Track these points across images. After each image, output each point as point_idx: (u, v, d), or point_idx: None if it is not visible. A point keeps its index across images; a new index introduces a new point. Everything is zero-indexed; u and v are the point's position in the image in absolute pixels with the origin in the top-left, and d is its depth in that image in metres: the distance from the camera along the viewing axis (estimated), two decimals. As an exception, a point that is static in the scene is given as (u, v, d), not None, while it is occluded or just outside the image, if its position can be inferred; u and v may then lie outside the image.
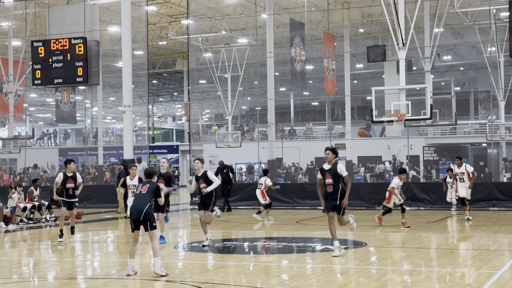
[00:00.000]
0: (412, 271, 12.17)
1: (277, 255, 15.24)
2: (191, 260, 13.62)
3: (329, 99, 44.33)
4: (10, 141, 37.89)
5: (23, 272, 13.38)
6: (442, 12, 30.79)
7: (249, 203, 29.17)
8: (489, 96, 43.48)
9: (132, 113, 28.35)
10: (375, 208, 27.04)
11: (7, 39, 36.63)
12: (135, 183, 17.03)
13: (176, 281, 10.63)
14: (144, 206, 11.44)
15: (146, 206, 11.47)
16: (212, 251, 15.29)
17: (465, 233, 18.21)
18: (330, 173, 12.92)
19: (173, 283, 10.70)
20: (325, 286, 10.68)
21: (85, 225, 22.09)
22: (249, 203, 29.17)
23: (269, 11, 35.87)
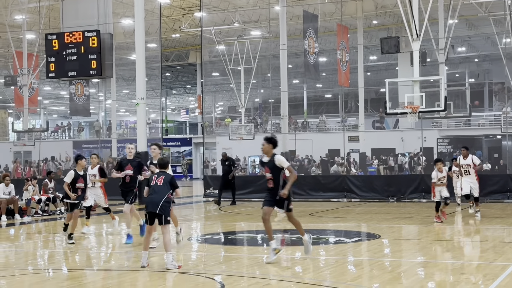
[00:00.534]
0: (426, 263, 12.15)
1: (290, 247, 15.25)
2: (205, 252, 13.64)
3: (342, 91, 44.25)
4: (25, 134, 38.12)
5: (38, 263, 13.44)
6: (457, 3, 30.68)
7: (262, 195, 29.17)
8: (503, 88, 43.35)
9: (145, 106, 28.41)
10: (388, 201, 27.05)
11: (21, 32, 36.76)
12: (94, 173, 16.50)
13: (189, 273, 10.66)
14: (161, 199, 11.05)
15: (164, 198, 11.08)
16: (226, 243, 15.31)
17: (479, 225, 18.14)
18: (268, 166, 11.60)
19: (187, 274, 10.73)
20: (338, 278, 10.68)
21: (99, 217, 22.13)
22: (262, 195, 29.17)
23: (282, 3, 35.83)
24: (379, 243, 15.24)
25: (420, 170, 35.45)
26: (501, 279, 10.08)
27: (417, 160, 37.97)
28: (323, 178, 31.39)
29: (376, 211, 23.55)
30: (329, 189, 28.78)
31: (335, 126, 48.92)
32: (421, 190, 27.55)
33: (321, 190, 28.65)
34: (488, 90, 52.82)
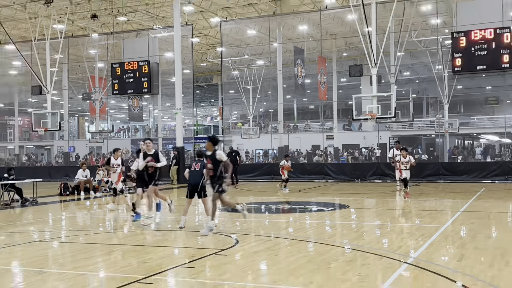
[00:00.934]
0: (381, 226, 12.16)
1: (285, 214, 15.26)
2: (223, 218, 13.63)
3: (321, 103, 44.37)
4: (97, 134, 38.16)
5: (106, 225, 13.48)
6: (403, 41, 30.64)
7: (265, 177, 29.32)
8: (436, 101, 43.36)
9: (182, 114, 28.46)
10: (354, 181, 27.07)
11: (94, 62, 36.78)
12: (118, 163, 15.79)
13: (213, 233, 10.68)
14: (199, 181, 11.16)
15: (201, 180, 11.18)
16: (238, 211, 15.30)
17: (420, 198, 18.14)
18: (210, 159, 10.97)
19: (217, 234, 10.74)
20: (319, 236, 10.70)
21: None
22: (265, 177, 29.32)
23: (278, 41, 35.78)
24: (348, 211, 15.26)
25: (377, 159, 35.54)
26: (434, 237, 10.10)
27: (374, 153, 38.01)
28: (308, 165, 31.47)
29: (345, 188, 23.56)
30: (312, 173, 28.86)
31: (316, 128, 48.79)
32: (378, 174, 27.64)
33: (307, 173, 28.79)
34: (425, 103, 52.70)
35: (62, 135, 45.16)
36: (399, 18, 29.35)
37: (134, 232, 11.70)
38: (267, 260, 8.37)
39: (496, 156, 34.69)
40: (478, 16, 23.97)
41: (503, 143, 41.42)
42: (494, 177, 26.05)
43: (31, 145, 50.02)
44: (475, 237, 10.11)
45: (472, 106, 51.17)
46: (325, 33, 37.69)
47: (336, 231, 11.67)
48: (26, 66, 33.21)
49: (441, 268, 7.59)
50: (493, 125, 44.94)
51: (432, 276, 7.14)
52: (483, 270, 7.48)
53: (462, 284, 6.78)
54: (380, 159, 34.45)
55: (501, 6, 23.82)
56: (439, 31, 32.72)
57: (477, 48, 23.27)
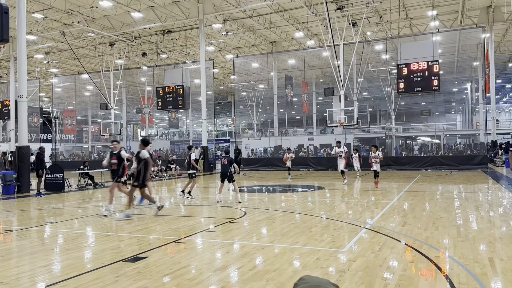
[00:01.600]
0: (347, 202, 12.13)
1: (279, 193, 15.22)
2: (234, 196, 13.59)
3: (305, 115, 44.25)
4: (146, 137, 38.19)
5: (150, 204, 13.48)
6: (363, 70, 30.61)
7: (265, 167, 29.27)
8: (386, 113, 43.23)
9: (206, 123, 28.42)
10: (328, 170, 26.97)
11: (144, 86, 36.83)
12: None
13: (227, 206, 10.66)
14: (227, 171, 11.66)
15: (228, 170, 11.65)
16: (245, 191, 15.27)
17: (374, 181, 18.10)
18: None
19: (226, 207, 10.73)
20: (303, 209, 10.66)
21: (184, 179, 22.16)
22: (265, 167, 29.27)
23: (274, 71, 35.72)
24: (324, 191, 15.23)
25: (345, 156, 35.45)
26: (385, 210, 10.06)
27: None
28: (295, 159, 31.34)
29: (322, 175, 23.52)
30: (298, 164, 28.72)
31: (301, 132, 48.56)
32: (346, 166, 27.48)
33: (294, 165, 28.50)
34: (378, 114, 52.53)
35: (121, 138, 45.15)
36: (360, 54, 29.29)
37: (173, 206, 11.69)
38: (267, 226, 8.36)
39: (429, 152, 34.53)
40: (415, 52, 23.99)
41: (433, 143, 41.29)
42: (427, 167, 25.98)
43: (100, 145, 50.03)
44: (414, 210, 10.07)
45: (412, 116, 51.06)
46: (307, 65, 37.67)
47: (315, 205, 11.63)
48: (96, 90, 33.26)
49: (390, 232, 7.56)
50: (426, 130, 44.89)
51: (383, 238, 7.12)
52: (420, 233, 7.45)
53: (405, 243, 6.76)
54: (347, 154, 34.25)
55: (432, 46, 23.90)
56: (388, 63, 32.65)
57: (415, 75, 23.24)
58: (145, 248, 6.70)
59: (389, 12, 26.51)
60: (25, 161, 15.88)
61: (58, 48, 34.05)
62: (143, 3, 25.57)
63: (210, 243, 7.04)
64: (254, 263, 5.72)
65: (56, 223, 9.37)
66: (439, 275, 5.17)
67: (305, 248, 6.50)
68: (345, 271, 5.33)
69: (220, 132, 65.10)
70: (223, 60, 39.07)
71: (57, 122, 39.43)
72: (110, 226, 8.77)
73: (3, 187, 15.55)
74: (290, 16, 28.76)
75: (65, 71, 42.07)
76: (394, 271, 5.32)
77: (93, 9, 25.32)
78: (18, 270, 5.67)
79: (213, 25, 29.09)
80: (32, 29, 27.63)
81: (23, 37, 15.64)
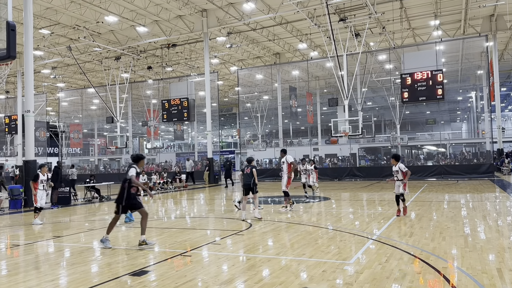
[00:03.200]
0: (354, 212, 12.05)
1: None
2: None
3: (309, 125, 44.25)
4: (152, 150, 38.29)
5: (159, 214, 13.43)
6: (366, 80, 30.68)
7: (270, 178, 29.19)
8: (391, 123, 43.23)
9: (211, 135, 28.51)
10: (334, 180, 26.88)
11: (150, 99, 37.08)
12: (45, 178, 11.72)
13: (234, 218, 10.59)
14: (251, 181, 10.71)
15: (252, 180, 10.70)
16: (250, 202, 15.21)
17: (381, 192, 17.94)
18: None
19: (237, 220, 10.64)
20: (308, 220, 10.60)
21: (196, 190, 22.11)
22: (270, 178, 29.19)
23: (278, 82, 35.88)
24: (330, 202, 15.15)
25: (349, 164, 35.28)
26: (392, 220, 9.99)
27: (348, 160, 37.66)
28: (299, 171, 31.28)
29: (328, 186, 23.41)
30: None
31: (306, 143, 48.60)
32: (350, 175, 27.45)
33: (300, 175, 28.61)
34: (383, 124, 52.46)
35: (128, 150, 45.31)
36: (363, 64, 29.37)
37: (179, 218, 11.66)
38: (273, 238, 8.30)
39: (434, 161, 34.33)
40: (419, 62, 24.02)
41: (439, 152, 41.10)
42: (433, 176, 25.80)
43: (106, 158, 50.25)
44: (421, 220, 9.98)
45: (417, 126, 50.94)
46: (311, 76, 37.78)
47: (321, 216, 11.56)
48: (103, 103, 33.50)
49: (397, 242, 7.49)
50: (432, 138, 44.75)
51: (390, 249, 7.05)
52: (427, 243, 7.38)
53: (412, 253, 6.69)
54: (352, 164, 34.18)
55: (435, 55, 23.91)
56: (392, 73, 32.68)
57: (419, 84, 23.22)
58: (151, 261, 6.68)
59: (391, 23, 26.63)
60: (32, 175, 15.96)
61: (65, 63, 34.43)
62: (148, 18, 25.86)
63: (216, 255, 7.00)
64: (260, 276, 5.68)
65: (63, 237, 9.38)
66: (447, 286, 5.11)
67: (311, 260, 6.45)
68: (352, 283, 5.27)
69: (225, 144, 65.18)
70: (228, 72, 39.29)
71: (63, 136, 39.70)
72: (116, 240, 8.77)
73: (10, 201, 15.62)
74: (293, 28, 28.95)
75: (72, 85, 42.48)
76: (401, 282, 5.26)
77: (99, 24, 25.64)
78: (25, 285, 5.66)
79: (217, 38, 29.32)
80: (39, 45, 27.98)
81: (30, 52, 15.85)
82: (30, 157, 15.99)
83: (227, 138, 69.38)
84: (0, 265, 6.97)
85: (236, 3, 24.20)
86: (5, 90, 37.42)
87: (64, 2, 23.02)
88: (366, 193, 17.84)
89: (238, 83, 34.62)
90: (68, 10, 23.79)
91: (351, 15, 24.46)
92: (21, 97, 30.93)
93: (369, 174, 27.08)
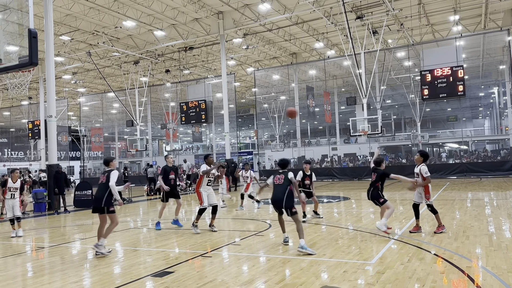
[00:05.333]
0: (374, 212, 11.93)
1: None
2: (260, 208, 13.50)
3: (327, 125, 43.97)
4: (171, 152, 38.63)
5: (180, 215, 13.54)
6: (385, 78, 30.35)
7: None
8: (411, 120, 42.61)
9: (229, 136, 28.56)
10: (353, 180, 26.64)
11: (168, 102, 37.42)
12: (16, 186, 9.95)
13: (257, 219, 10.59)
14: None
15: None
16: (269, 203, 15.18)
17: (402, 192, 17.68)
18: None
19: (255, 220, 10.64)
20: (329, 220, 10.52)
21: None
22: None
23: (295, 82, 35.79)
24: (350, 202, 15.03)
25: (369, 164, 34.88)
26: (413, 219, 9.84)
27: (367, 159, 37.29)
28: (319, 169, 31.11)
29: (347, 185, 23.23)
30: (322, 174, 28.57)
31: (324, 142, 48.27)
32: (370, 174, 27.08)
33: (318, 175, 28.30)
34: (403, 122, 51.72)
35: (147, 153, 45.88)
36: (381, 62, 29.05)
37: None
38: (292, 238, 8.27)
39: (456, 159, 33.67)
40: (439, 58, 23.61)
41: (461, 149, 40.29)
42: (455, 174, 25.32)
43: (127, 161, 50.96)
44: (443, 219, 9.80)
45: (438, 123, 50.06)
46: (328, 75, 37.49)
47: (341, 216, 11.48)
48: (122, 107, 33.99)
49: (419, 242, 7.39)
50: (453, 136, 43.91)
51: (412, 248, 6.96)
52: (450, 242, 7.25)
53: (435, 253, 6.58)
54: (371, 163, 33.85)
55: (455, 51, 23.50)
56: (411, 70, 32.20)
57: (439, 81, 22.82)
58: (172, 262, 6.74)
59: (410, 19, 26.24)
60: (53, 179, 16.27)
61: (85, 68, 35.06)
62: (165, 22, 26.13)
63: (236, 256, 7.02)
64: (281, 277, 5.67)
65: (86, 239, 9.55)
66: (472, 286, 5.00)
67: (332, 260, 6.41)
68: (374, 283, 5.22)
69: (243, 145, 65.34)
70: (244, 74, 39.37)
71: (85, 140, 40.44)
72: (138, 241, 8.88)
73: (34, 205, 15.98)
74: (310, 27, 28.82)
75: (92, 90, 43.23)
76: (424, 282, 5.18)
77: (117, 29, 26.02)
78: (50, 286, 5.79)
79: (234, 40, 29.41)
80: (60, 51, 28.58)
81: (51, 59, 16.20)
82: (53, 161, 16.33)
83: (244, 139, 69.53)
84: (26, 267, 7.14)
85: (251, 4, 24.24)
86: (28, 96, 38.28)
87: (83, 8, 23.46)
88: (387, 192, 17.61)
89: (255, 84, 34.66)
90: (87, 16, 24.22)
91: (368, 13, 24.20)
92: (43, 102, 31.64)
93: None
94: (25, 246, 9.03)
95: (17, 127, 49.23)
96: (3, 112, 41.33)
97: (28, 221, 13.41)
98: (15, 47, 6.31)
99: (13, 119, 45.05)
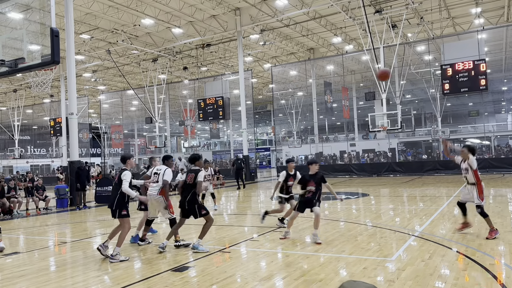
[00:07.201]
0: (394, 208, 11.78)
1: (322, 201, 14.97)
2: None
3: (345, 120, 43.57)
4: (189, 148, 38.90)
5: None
6: (405, 73, 29.88)
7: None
8: (432, 115, 41.88)
9: (246, 132, 28.59)
10: (372, 176, 26.38)
11: (186, 99, 37.67)
12: None
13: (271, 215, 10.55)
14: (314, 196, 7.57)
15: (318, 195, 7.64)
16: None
17: (422, 188, 17.44)
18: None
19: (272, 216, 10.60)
20: (347, 217, 10.44)
21: (231, 188, 22.28)
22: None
23: (313, 78, 35.58)
24: (368, 198, 14.89)
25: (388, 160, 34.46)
26: (434, 216, 9.70)
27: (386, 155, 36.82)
28: (337, 165, 30.88)
29: (366, 182, 23.01)
30: (341, 170, 28.40)
31: (343, 138, 47.87)
32: (390, 170, 26.84)
33: (336, 171, 28.32)
34: (423, 117, 50.91)
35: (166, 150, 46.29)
36: (401, 56, 28.61)
37: (217, 215, 11.78)
38: (310, 235, 8.25)
39: (478, 154, 33.00)
40: (460, 52, 23.14)
41: (483, 144, 39.42)
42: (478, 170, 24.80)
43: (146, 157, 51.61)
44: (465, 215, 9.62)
45: (459, 118, 49.10)
46: (346, 70, 37.12)
47: (360, 213, 11.39)
48: (141, 104, 34.37)
49: (440, 239, 7.27)
50: (475, 131, 43.05)
51: (433, 245, 6.85)
52: (472, 239, 7.12)
53: (457, 250, 6.47)
54: (391, 159, 33.45)
55: (477, 44, 22.99)
56: (431, 64, 31.61)
57: (460, 75, 22.38)
58: (191, 257, 6.80)
59: (430, 12, 25.76)
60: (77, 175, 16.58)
61: (105, 66, 35.56)
62: (183, 19, 26.26)
63: (255, 252, 7.04)
64: (300, 273, 5.66)
65: (107, 234, 9.70)
66: (495, 283, 4.90)
67: (351, 257, 6.37)
68: (394, 280, 5.16)
69: (260, 141, 65.28)
70: (261, 70, 39.32)
71: (105, 137, 41.08)
72: (157, 236, 8.98)
73: (57, 201, 16.32)
74: (327, 22, 28.57)
75: (112, 87, 43.85)
76: (446, 279, 5.10)
77: (136, 27, 26.29)
78: (72, 280, 5.91)
79: (251, 36, 29.38)
80: (80, 49, 29.03)
81: (72, 57, 16.48)
82: (74, 157, 16.64)
83: (262, 135, 69.46)
84: (49, 261, 7.31)
85: (268, 0, 24.15)
86: (50, 94, 39.06)
87: (102, 7, 23.76)
88: (407, 189, 17.40)
89: (272, 80, 34.59)
90: (107, 15, 24.53)
91: (387, 6, 23.85)
92: (65, 100, 32.23)
93: (409, 169, 26.37)
94: (48, 241, 9.23)
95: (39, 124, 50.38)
96: (26, 110, 42.26)
97: (51, 217, 13.71)
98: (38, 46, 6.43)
99: (35, 116, 46.05)
